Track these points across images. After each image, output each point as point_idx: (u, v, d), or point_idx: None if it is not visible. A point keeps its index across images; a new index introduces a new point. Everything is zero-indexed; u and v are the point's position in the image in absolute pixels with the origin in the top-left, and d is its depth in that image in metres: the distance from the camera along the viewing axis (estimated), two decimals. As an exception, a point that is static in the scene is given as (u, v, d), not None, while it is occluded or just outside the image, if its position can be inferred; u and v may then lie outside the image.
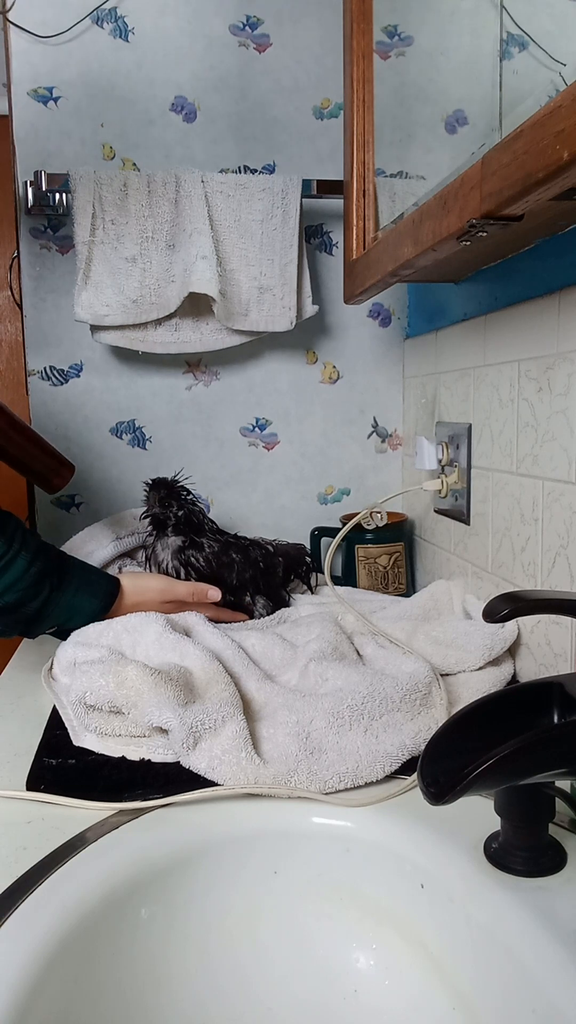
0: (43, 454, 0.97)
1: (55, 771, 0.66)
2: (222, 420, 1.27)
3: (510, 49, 0.72)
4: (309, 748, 0.64)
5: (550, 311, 0.75)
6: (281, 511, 1.31)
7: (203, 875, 0.57)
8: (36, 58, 1.15)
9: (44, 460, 0.97)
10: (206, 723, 0.65)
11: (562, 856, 0.51)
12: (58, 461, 0.99)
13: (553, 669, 0.76)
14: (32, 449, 0.95)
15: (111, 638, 0.83)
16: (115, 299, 1.12)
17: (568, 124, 0.46)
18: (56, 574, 0.83)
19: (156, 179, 1.11)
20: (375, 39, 0.97)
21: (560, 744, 0.46)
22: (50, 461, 0.98)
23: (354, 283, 0.98)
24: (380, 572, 1.16)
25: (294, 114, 1.21)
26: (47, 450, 0.98)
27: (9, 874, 0.52)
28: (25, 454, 0.95)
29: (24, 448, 0.94)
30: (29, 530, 0.84)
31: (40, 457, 0.96)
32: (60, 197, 1.14)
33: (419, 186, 0.91)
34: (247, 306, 1.15)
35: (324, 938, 0.57)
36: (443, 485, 1.02)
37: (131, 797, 0.61)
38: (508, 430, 0.85)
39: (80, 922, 0.50)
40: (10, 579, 0.79)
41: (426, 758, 0.48)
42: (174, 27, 1.18)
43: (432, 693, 0.71)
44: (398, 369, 1.29)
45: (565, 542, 0.73)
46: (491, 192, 0.56)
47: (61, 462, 0.99)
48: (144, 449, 1.26)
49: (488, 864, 0.51)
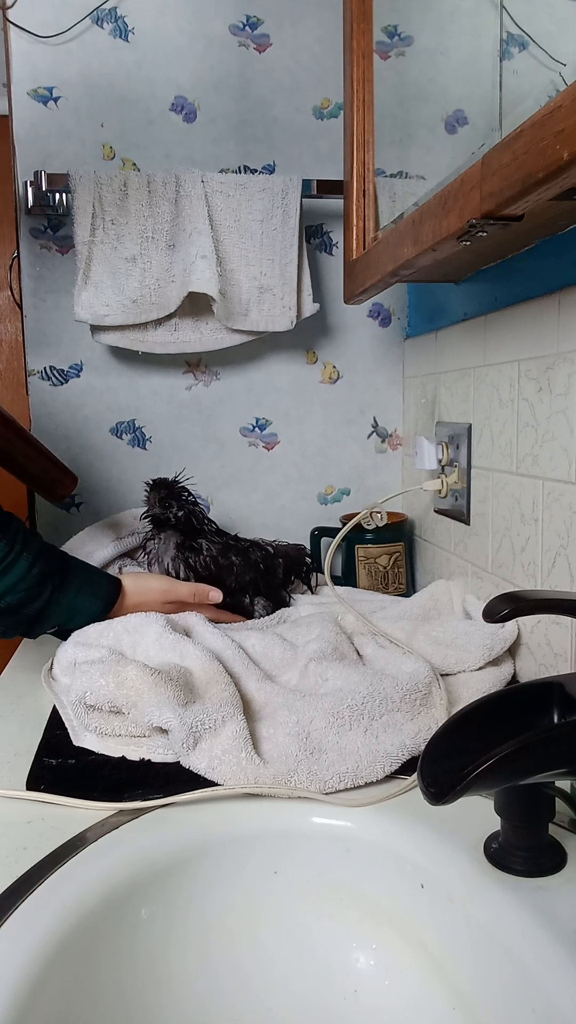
0: (49, 464, 0.98)
1: (55, 771, 0.66)
2: (222, 420, 1.27)
3: (510, 49, 0.72)
4: (309, 748, 0.64)
5: (550, 311, 0.75)
6: (281, 511, 1.31)
7: (203, 875, 0.57)
8: (36, 58, 1.15)
9: (49, 470, 0.98)
10: (206, 723, 0.65)
11: (562, 856, 0.51)
12: (62, 471, 1.00)
13: (553, 669, 0.76)
14: (39, 460, 0.97)
15: (111, 638, 0.83)
16: (115, 299, 1.12)
17: (568, 124, 0.46)
18: (58, 575, 0.83)
19: (156, 179, 1.11)
20: (375, 39, 0.97)
21: (560, 744, 0.46)
22: (55, 472, 0.99)
23: (354, 283, 0.98)
24: (380, 572, 1.16)
25: (294, 114, 1.21)
26: (52, 461, 0.99)
27: (9, 874, 0.52)
28: (31, 464, 0.96)
29: (31, 458, 0.96)
30: (31, 531, 0.84)
31: (46, 467, 0.98)
32: (60, 197, 1.14)
33: (419, 186, 0.91)
34: (247, 306, 1.15)
35: (324, 938, 0.57)
36: (443, 485, 1.02)
37: (131, 797, 0.61)
38: (508, 430, 0.85)
39: (80, 922, 0.50)
40: (12, 580, 0.79)
41: (426, 758, 0.48)
42: (174, 27, 1.18)
43: (432, 693, 0.71)
44: (398, 369, 1.29)
45: (565, 542, 0.73)
46: (491, 192, 0.56)
47: (65, 472, 1.00)
48: (144, 449, 1.26)
49: (488, 864, 0.51)
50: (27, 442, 0.95)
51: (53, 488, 0.99)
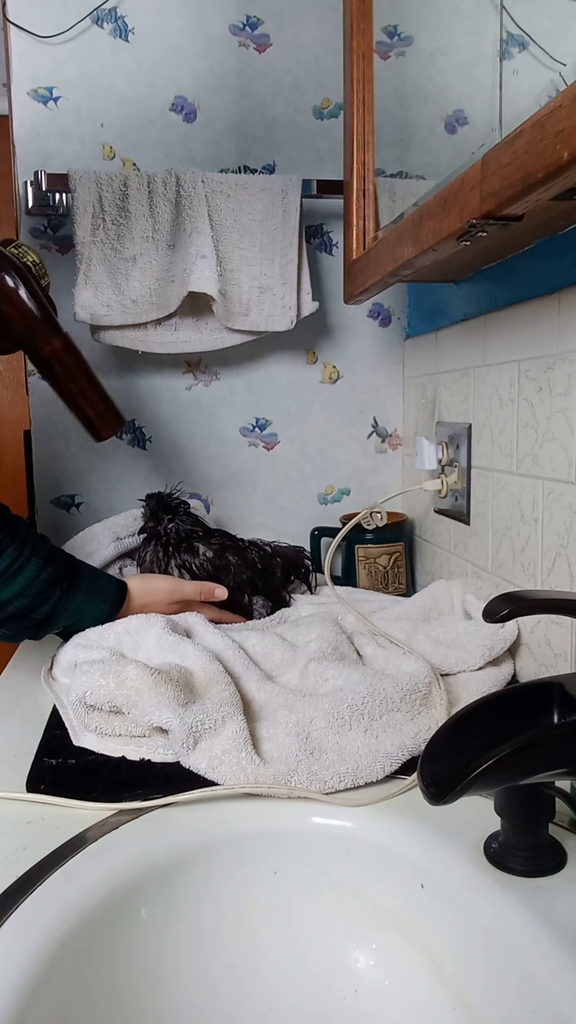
0: (100, 401, 0.97)
1: (55, 771, 0.66)
2: (222, 420, 1.27)
3: (510, 49, 0.72)
4: (309, 748, 0.64)
5: (550, 311, 0.75)
6: (281, 511, 1.31)
7: (203, 875, 0.57)
8: (36, 58, 1.15)
9: (100, 408, 0.97)
10: (206, 723, 0.65)
11: (562, 856, 0.51)
12: (112, 412, 0.99)
13: (553, 669, 0.76)
14: (92, 394, 0.96)
15: (112, 640, 0.83)
16: (115, 299, 1.12)
17: (568, 124, 0.46)
18: (66, 579, 0.83)
19: (156, 179, 1.11)
20: (375, 39, 0.97)
21: (560, 744, 0.46)
22: (105, 410, 0.97)
23: (354, 283, 0.98)
24: (380, 572, 1.16)
25: (294, 114, 1.21)
26: (104, 398, 0.98)
27: (9, 874, 0.52)
28: (84, 398, 0.95)
29: (85, 392, 0.95)
30: (40, 535, 0.83)
31: (97, 404, 0.96)
32: (60, 197, 1.14)
33: (419, 186, 0.92)
34: (247, 305, 1.15)
35: (324, 938, 0.57)
36: (443, 485, 1.02)
37: (131, 797, 0.61)
38: (508, 430, 0.85)
39: (80, 922, 0.50)
40: (21, 585, 0.79)
41: (426, 758, 0.48)
42: (174, 27, 1.18)
43: (432, 693, 0.71)
44: (398, 369, 1.29)
45: (565, 542, 0.73)
46: (491, 192, 0.56)
47: (115, 414, 0.99)
48: (144, 449, 1.26)
49: (488, 864, 0.51)
50: (85, 372, 0.95)
51: (99, 427, 0.98)
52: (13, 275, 0.87)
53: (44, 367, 0.93)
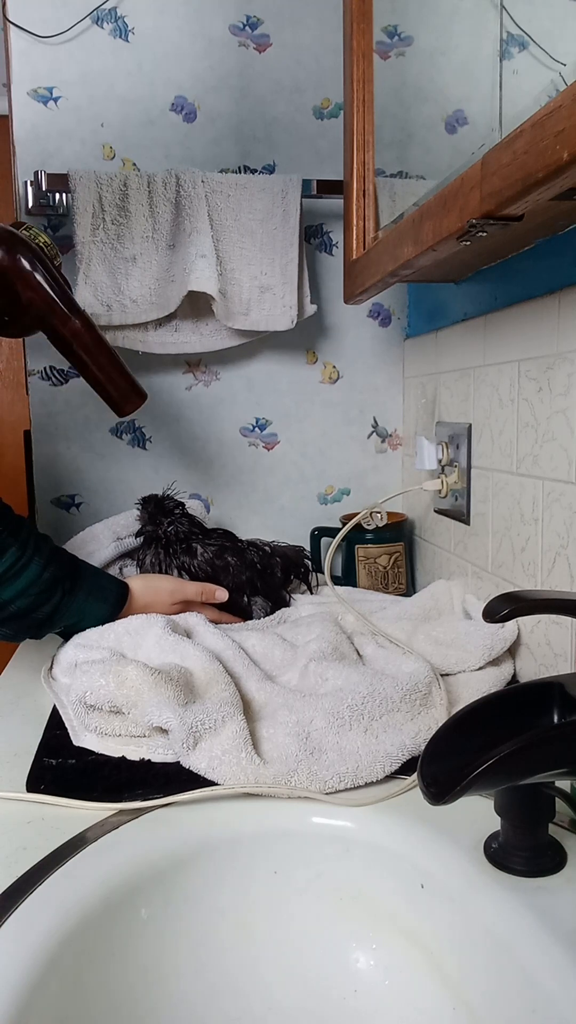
0: (120, 376, 0.97)
1: (55, 771, 0.66)
2: (222, 420, 1.27)
3: (510, 49, 0.72)
4: (309, 748, 0.64)
5: (550, 311, 0.75)
6: (281, 511, 1.31)
7: (203, 875, 0.57)
8: (36, 58, 1.15)
9: (121, 384, 0.97)
10: (206, 723, 0.65)
11: (562, 856, 0.51)
12: (134, 387, 0.99)
13: (553, 669, 0.76)
14: (112, 370, 0.96)
15: (112, 640, 0.83)
16: (115, 299, 1.12)
17: (568, 124, 0.46)
18: (68, 579, 0.83)
19: (156, 179, 1.11)
20: (375, 39, 0.97)
21: (560, 744, 0.46)
22: (126, 387, 0.98)
23: (354, 283, 0.98)
24: (380, 572, 1.16)
25: (294, 114, 1.21)
26: (125, 374, 0.98)
27: (9, 874, 0.52)
28: (105, 375, 0.96)
29: (105, 369, 0.95)
30: (42, 535, 0.83)
31: (117, 380, 0.97)
32: (60, 197, 1.14)
33: (419, 186, 0.91)
34: (247, 305, 1.15)
35: (324, 938, 0.57)
36: (443, 485, 1.02)
37: (131, 797, 0.61)
38: (508, 430, 0.85)
39: (80, 922, 0.50)
40: (23, 584, 0.79)
41: (426, 758, 0.48)
42: (174, 27, 1.18)
43: (432, 693, 0.71)
44: (398, 369, 1.29)
45: (565, 542, 0.73)
46: (491, 192, 0.56)
47: (136, 390, 0.99)
48: (144, 449, 1.26)
49: (488, 864, 0.51)
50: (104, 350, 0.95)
51: (121, 403, 0.98)
52: (30, 257, 0.87)
53: (64, 346, 0.93)
